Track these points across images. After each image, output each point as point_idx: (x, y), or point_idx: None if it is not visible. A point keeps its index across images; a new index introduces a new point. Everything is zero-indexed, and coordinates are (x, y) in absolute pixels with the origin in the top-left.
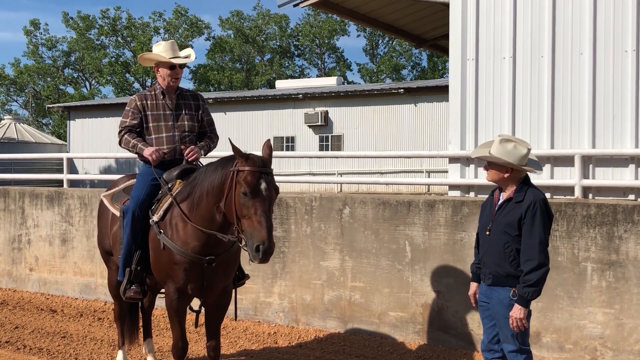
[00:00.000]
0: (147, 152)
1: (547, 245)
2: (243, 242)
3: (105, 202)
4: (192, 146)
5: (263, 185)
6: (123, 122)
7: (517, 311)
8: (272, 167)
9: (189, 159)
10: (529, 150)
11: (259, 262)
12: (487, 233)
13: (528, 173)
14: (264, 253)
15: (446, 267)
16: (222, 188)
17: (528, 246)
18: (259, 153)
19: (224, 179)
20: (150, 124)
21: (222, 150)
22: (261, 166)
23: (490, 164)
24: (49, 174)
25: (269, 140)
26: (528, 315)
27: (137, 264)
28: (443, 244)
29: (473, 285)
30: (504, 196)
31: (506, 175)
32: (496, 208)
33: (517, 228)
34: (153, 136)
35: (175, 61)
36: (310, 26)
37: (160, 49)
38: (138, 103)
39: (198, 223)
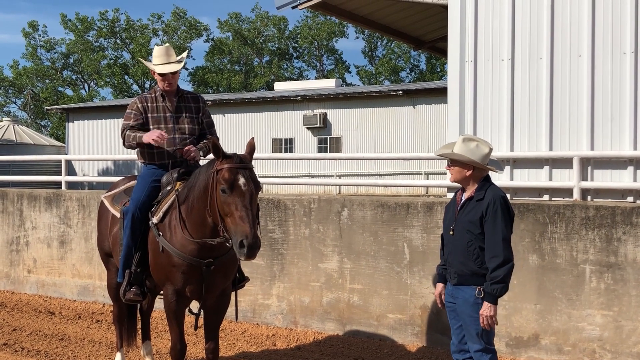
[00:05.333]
0: (147, 137)
1: (510, 242)
2: (231, 242)
3: (106, 203)
4: (190, 145)
5: (241, 181)
6: (125, 124)
7: (487, 309)
8: (254, 165)
9: (186, 157)
10: (491, 149)
11: (245, 258)
12: (451, 233)
13: (489, 173)
14: (249, 247)
15: None
16: (207, 190)
17: (492, 243)
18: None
19: (207, 181)
20: (151, 127)
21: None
22: (238, 162)
23: (453, 162)
24: (47, 175)
25: (252, 138)
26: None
27: (137, 266)
28: None
29: (439, 286)
30: (465, 195)
31: (468, 173)
32: (458, 207)
33: (480, 226)
34: None
35: (160, 70)
36: (309, 28)
37: (154, 54)
38: (139, 105)
39: (191, 228)
